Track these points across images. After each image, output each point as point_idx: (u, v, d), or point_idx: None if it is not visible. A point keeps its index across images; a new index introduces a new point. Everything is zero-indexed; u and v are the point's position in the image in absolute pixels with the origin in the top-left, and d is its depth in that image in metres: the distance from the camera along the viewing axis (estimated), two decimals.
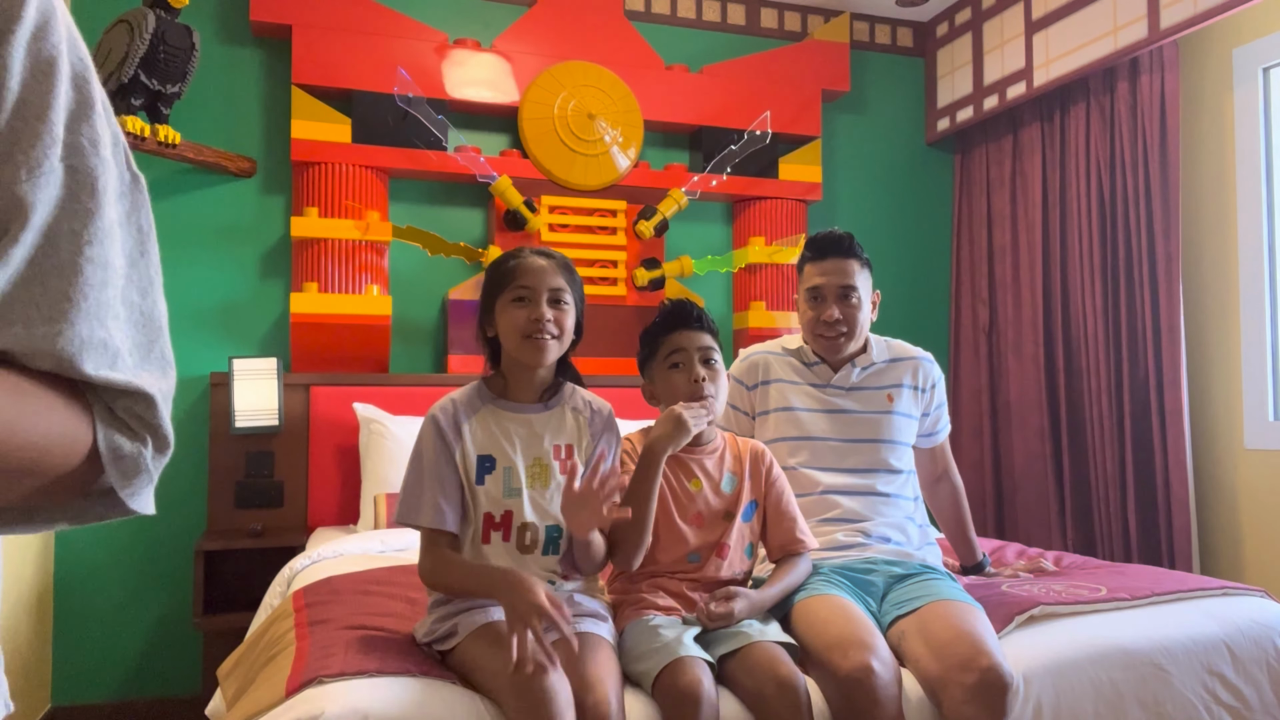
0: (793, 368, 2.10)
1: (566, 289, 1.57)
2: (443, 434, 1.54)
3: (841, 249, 2.03)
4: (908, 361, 2.13)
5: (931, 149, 4.09)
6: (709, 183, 3.52)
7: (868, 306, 2.06)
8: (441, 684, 1.39)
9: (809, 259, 2.07)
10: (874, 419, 2.06)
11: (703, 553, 1.68)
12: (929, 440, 2.20)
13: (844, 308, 2.01)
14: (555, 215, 3.38)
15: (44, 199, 0.50)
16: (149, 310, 0.58)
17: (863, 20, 3.98)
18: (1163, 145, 3.05)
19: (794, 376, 2.08)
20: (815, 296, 2.04)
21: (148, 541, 3.03)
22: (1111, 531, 3.17)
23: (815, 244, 2.07)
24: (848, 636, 1.52)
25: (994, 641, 1.56)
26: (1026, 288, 3.56)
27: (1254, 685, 1.79)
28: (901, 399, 2.08)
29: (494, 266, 1.60)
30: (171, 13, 2.76)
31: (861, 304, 2.03)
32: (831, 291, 2.02)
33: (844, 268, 2.02)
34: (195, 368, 3.11)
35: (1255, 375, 2.94)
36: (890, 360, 2.12)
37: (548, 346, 1.54)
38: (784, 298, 3.64)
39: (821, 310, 2.02)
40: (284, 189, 3.25)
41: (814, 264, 2.05)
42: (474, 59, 3.33)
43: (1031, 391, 3.51)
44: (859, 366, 2.07)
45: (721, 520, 1.70)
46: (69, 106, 0.52)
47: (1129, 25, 3.02)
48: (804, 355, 2.10)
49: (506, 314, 1.55)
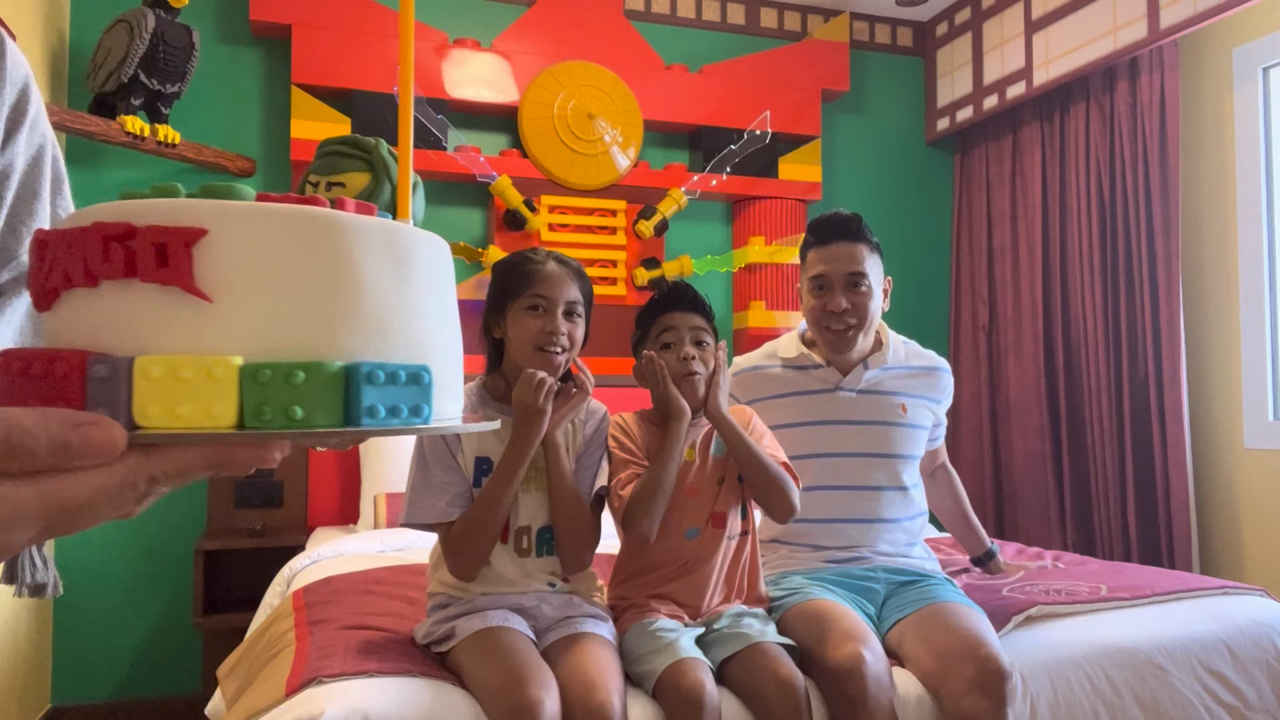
0: (783, 379, 1.92)
1: (581, 300, 1.56)
2: (444, 436, 1.53)
3: (849, 232, 1.83)
4: (930, 373, 1.96)
5: (931, 149, 4.09)
6: (709, 182, 3.52)
7: (879, 295, 1.86)
8: (441, 684, 1.39)
9: (813, 244, 1.88)
10: (884, 431, 1.89)
11: (701, 526, 1.66)
12: (930, 444, 2.07)
13: (852, 296, 1.81)
14: (555, 215, 3.38)
15: None
16: None
17: (862, 20, 3.98)
18: (1163, 145, 3.05)
19: (783, 389, 1.91)
20: (820, 285, 1.84)
21: (148, 541, 3.03)
22: (1111, 531, 3.17)
23: (819, 227, 1.87)
24: (840, 630, 1.53)
25: (991, 635, 1.56)
26: (1026, 287, 3.56)
27: (1253, 685, 1.79)
28: (916, 412, 1.92)
29: (509, 267, 1.57)
30: (171, 12, 2.76)
31: (872, 292, 1.83)
32: (838, 279, 1.82)
33: (851, 253, 1.82)
34: None
35: (1255, 375, 2.94)
36: (909, 368, 1.94)
37: (559, 362, 1.52)
38: (784, 297, 3.63)
39: (827, 299, 1.82)
40: (284, 189, 3.25)
41: (818, 249, 1.86)
42: (474, 59, 3.33)
43: (1031, 391, 3.51)
44: (871, 368, 1.89)
45: (715, 485, 1.69)
46: (51, 182, 0.58)
47: (1129, 25, 3.02)
48: (805, 360, 1.92)
49: (520, 321, 1.53)
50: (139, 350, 0.34)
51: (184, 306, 0.34)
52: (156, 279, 0.34)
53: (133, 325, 0.34)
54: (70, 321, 0.35)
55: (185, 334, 0.34)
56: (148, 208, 0.35)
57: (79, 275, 0.34)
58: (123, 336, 0.34)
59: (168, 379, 0.33)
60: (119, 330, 0.34)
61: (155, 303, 0.34)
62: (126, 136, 2.76)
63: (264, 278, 0.36)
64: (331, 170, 0.41)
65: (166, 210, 0.35)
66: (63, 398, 0.33)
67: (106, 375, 0.33)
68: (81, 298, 0.35)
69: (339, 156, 0.41)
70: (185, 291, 0.34)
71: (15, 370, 0.34)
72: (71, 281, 0.34)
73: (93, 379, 0.33)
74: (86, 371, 0.33)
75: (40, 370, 0.33)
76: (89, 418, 0.31)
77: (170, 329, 0.34)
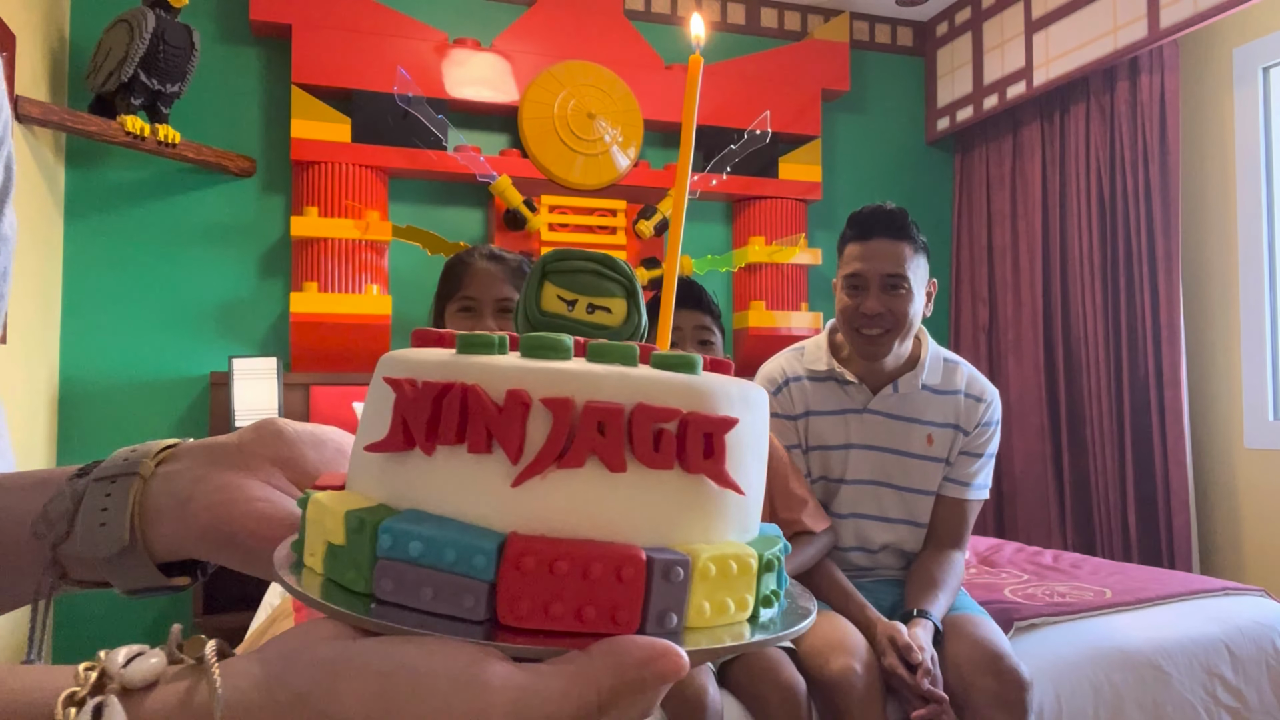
0: (823, 392, 1.76)
1: (514, 297, 1.50)
2: None
3: (892, 228, 1.67)
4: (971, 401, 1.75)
5: (931, 148, 4.09)
6: (709, 182, 3.51)
7: (920, 298, 1.70)
8: None
9: (851, 238, 1.71)
10: (908, 464, 1.74)
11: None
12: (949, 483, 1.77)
13: (889, 299, 1.65)
14: (555, 215, 3.38)
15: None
16: None
17: (863, 20, 3.98)
18: (1163, 145, 3.05)
19: (827, 404, 1.76)
20: (855, 285, 1.68)
21: None
22: (1111, 531, 3.17)
23: (860, 221, 1.70)
24: (834, 642, 1.53)
25: (1008, 646, 1.57)
26: (1026, 287, 3.56)
27: (1254, 686, 1.79)
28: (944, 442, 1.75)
29: (446, 269, 1.56)
30: (171, 12, 2.76)
31: (912, 295, 1.66)
32: (875, 279, 1.65)
33: (893, 252, 1.65)
34: (195, 367, 3.11)
35: (1255, 375, 2.94)
36: (945, 391, 1.75)
37: None
38: (784, 297, 3.63)
39: (861, 300, 1.66)
40: (284, 188, 3.25)
41: (857, 244, 1.69)
42: (474, 58, 3.32)
43: (1031, 391, 3.51)
44: (902, 389, 1.72)
45: None
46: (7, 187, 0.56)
47: (1129, 25, 3.02)
48: (836, 374, 1.74)
49: (453, 324, 1.52)
50: (658, 541, 0.31)
51: (705, 495, 0.32)
52: (702, 470, 0.31)
53: (653, 515, 0.31)
54: (550, 503, 0.30)
55: (705, 524, 0.32)
56: (628, 381, 0.31)
57: (575, 457, 0.30)
58: (640, 528, 0.31)
59: (720, 576, 0.31)
60: (635, 519, 0.30)
61: (682, 490, 0.31)
62: (126, 136, 2.76)
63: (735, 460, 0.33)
64: (596, 292, 0.38)
65: (675, 389, 0.31)
66: (624, 602, 0.29)
67: (680, 578, 0.30)
68: (566, 479, 0.30)
69: (599, 278, 0.39)
70: (715, 482, 0.31)
71: (564, 571, 0.29)
72: (569, 463, 0.30)
73: (658, 579, 0.30)
74: (650, 571, 0.29)
75: (599, 572, 0.29)
76: (658, 651, 0.28)
77: (693, 519, 0.32)
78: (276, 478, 0.44)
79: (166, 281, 3.09)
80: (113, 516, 0.42)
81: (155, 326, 3.08)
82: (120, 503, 0.42)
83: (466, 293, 1.50)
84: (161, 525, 0.43)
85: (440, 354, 0.33)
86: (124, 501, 0.42)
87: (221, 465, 0.43)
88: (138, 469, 0.43)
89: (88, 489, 0.43)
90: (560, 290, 0.38)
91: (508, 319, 1.49)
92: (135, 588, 0.44)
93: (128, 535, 0.42)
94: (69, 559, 0.43)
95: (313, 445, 0.45)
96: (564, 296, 0.38)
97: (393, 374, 0.32)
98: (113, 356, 3.02)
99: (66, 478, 0.44)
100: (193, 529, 0.42)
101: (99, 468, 0.44)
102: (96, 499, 0.42)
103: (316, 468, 0.45)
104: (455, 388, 0.30)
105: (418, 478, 0.31)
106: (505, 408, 0.30)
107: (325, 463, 0.45)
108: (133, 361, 3.05)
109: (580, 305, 0.38)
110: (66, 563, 0.43)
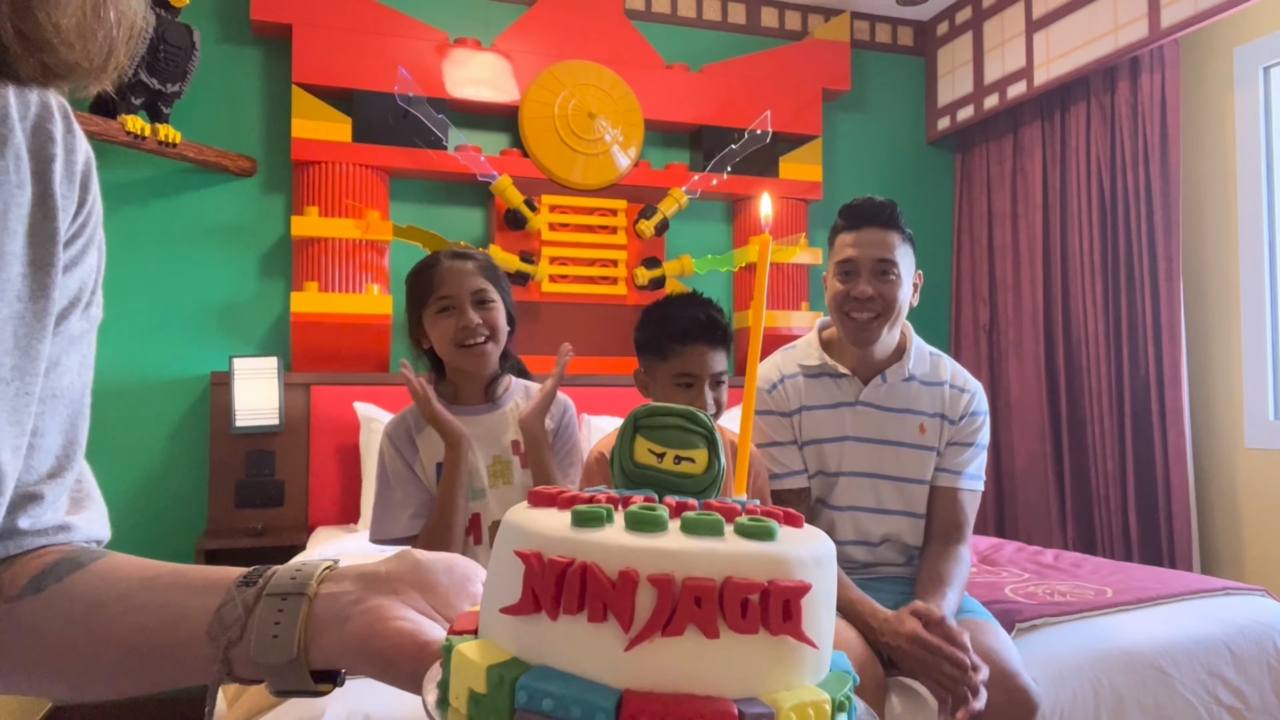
0: (816, 386, 1.80)
1: (489, 287, 1.58)
2: (399, 450, 1.59)
3: (881, 218, 1.75)
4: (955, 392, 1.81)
5: (932, 148, 4.09)
6: (709, 182, 3.51)
7: (908, 286, 1.77)
8: None
9: (842, 228, 1.78)
10: (902, 454, 1.78)
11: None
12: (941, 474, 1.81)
13: (879, 284, 1.71)
14: (555, 214, 3.38)
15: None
16: None
17: (863, 19, 3.98)
18: (1163, 144, 3.05)
19: (820, 399, 1.80)
20: (847, 271, 1.74)
21: (148, 540, 3.02)
22: (1111, 530, 3.17)
23: (851, 211, 1.78)
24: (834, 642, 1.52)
25: (1019, 662, 1.56)
26: (1027, 286, 3.56)
27: (1255, 686, 1.79)
28: (934, 431, 1.80)
29: (413, 277, 1.61)
30: (172, 12, 2.76)
31: (900, 282, 1.73)
32: (866, 265, 1.72)
33: (883, 240, 1.73)
34: (195, 367, 3.11)
35: (1255, 374, 2.94)
36: (932, 383, 1.81)
37: (485, 351, 1.56)
38: (785, 297, 3.63)
39: (852, 285, 1.72)
40: (284, 188, 3.25)
41: (848, 233, 1.76)
42: (474, 58, 3.32)
43: (1032, 390, 3.51)
44: (890, 380, 1.78)
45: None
46: (100, 265, 0.62)
47: (1129, 24, 3.02)
48: (828, 368, 1.80)
49: (436, 326, 1.57)
50: (745, 693, 0.36)
51: (786, 651, 0.37)
52: (783, 631, 0.36)
53: (742, 671, 0.36)
54: (656, 664, 0.36)
55: (786, 675, 0.37)
56: (736, 559, 0.36)
57: (677, 626, 0.35)
58: (731, 682, 0.36)
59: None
60: (727, 675, 0.36)
61: (766, 649, 0.36)
62: (127, 136, 2.76)
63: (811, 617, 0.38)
64: (682, 445, 0.43)
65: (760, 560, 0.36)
66: None
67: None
68: (669, 644, 0.35)
69: (684, 432, 0.43)
70: (794, 638, 0.36)
71: None
72: (672, 631, 0.35)
73: None
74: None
75: None
76: None
77: (776, 672, 0.37)
78: (415, 599, 0.51)
79: (167, 281, 3.09)
80: (284, 630, 0.49)
81: (156, 326, 3.08)
82: (291, 620, 0.50)
83: (442, 293, 1.56)
84: (321, 639, 0.50)
85: (559, 527, 0.38)
86: (294, 619, 0.50)
87: (374, 590, 0.51)
88: (305, 589, 0.51)
89: (260, 601, 0.51)
90: (650, 444, 0.43)
91: (486, 309, 1.56)
92: (286, 689, 0.51)
93: (295, 648, 0.49)
94: (237, 659, 0.50)
95: (444, 570, 0.54)
96: (654, 450, 0.43)
97: (520, 546, 0.37)
98: (113, 356, 3.02)
99: (234, 583, 0.52)
100: (349, 645, 0.49)
101: (270, 583, 0.51)
102: (270, 613, 0.50)
103: (448, 589, 0.53)
104: (575, 566, 0.36)
105: (544, 637, 0.37)
106: (618, 584, 0.35)
107: (454, 584, 0.53)
108: (133, 361, 3.05)
109: (668, 458, 0.43)
110: (233, 661, 0.50)
